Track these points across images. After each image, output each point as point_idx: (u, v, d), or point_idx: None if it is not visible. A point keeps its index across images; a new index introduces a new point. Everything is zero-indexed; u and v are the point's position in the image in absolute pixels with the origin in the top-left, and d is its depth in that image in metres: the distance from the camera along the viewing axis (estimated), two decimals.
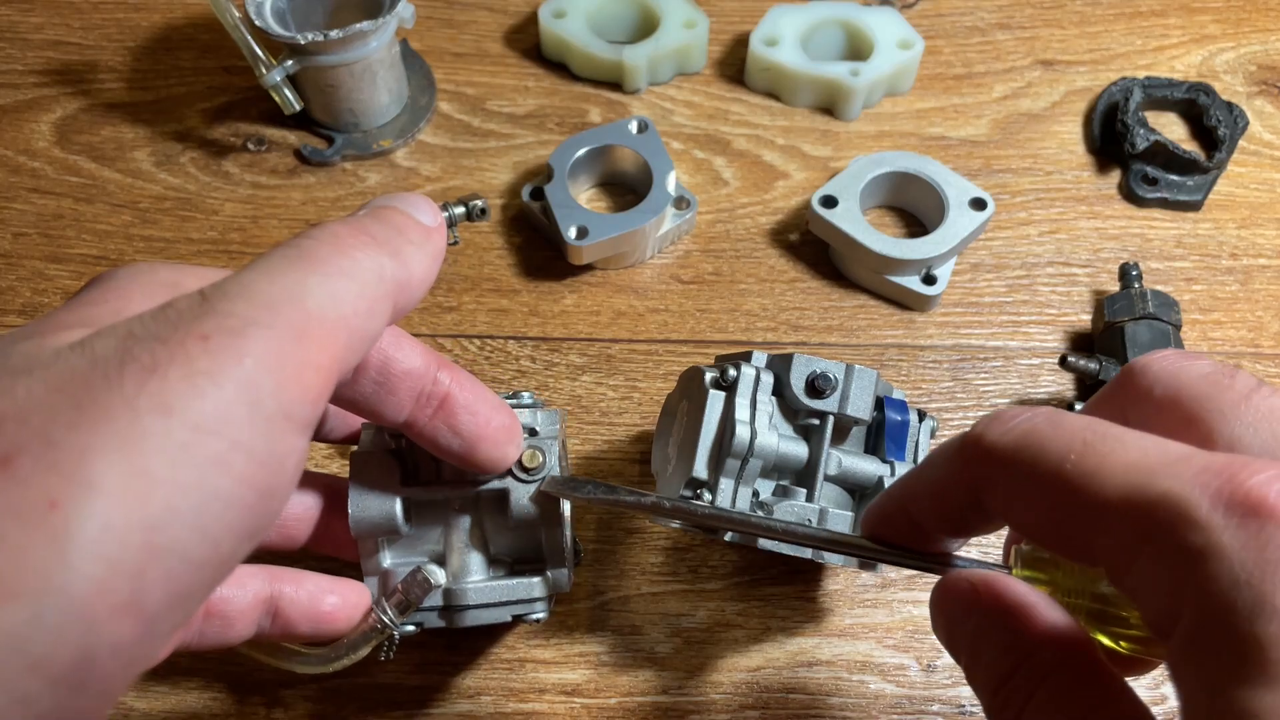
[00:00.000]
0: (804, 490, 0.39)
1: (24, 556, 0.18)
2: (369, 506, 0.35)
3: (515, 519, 0.36)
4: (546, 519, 0.36)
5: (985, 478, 0.23)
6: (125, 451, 0.19)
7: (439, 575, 0.36)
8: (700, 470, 0.38)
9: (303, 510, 0.36)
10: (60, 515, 0.18)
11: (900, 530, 0.27)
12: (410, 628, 0.36)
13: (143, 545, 0.19)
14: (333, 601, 0.35)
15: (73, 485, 0.18)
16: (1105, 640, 0.25)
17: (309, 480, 0.37)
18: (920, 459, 0.41)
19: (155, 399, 0.19)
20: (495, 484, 0.36)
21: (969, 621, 0.25)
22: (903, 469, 0.40)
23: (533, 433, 0.37)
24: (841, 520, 0.39)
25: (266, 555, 0.35)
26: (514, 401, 0.38)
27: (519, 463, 0.35)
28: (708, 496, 0.37)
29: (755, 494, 0.39)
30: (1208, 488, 0.19)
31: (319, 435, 0.37)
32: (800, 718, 0.43)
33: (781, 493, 0.40)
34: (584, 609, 0.45)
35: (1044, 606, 0.24)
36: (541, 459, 0.35)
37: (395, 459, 0.36)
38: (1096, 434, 0.21)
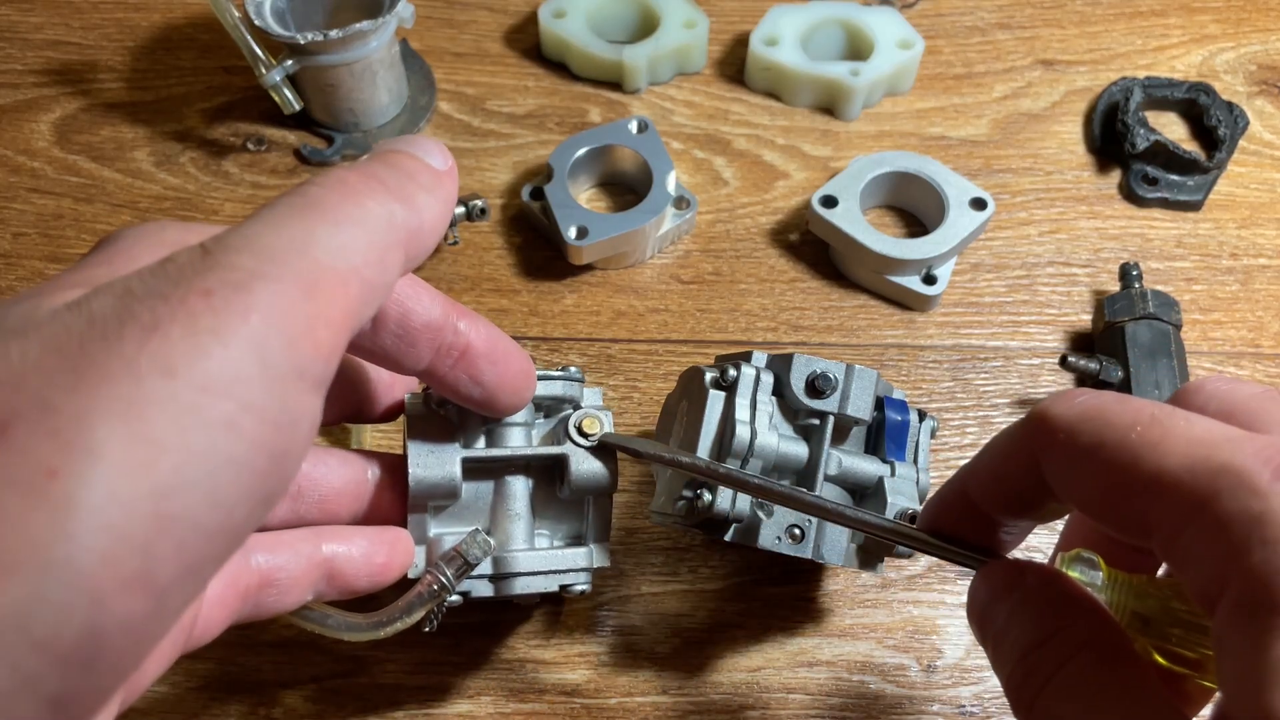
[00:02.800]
0: (804, 490, 0.39)
1: (23, 529, 0.17)
2: (430, 465, 0.34)
3: (574, 484, 0.36)
4: (599, 488, 0.36)
5: (1047, 448, 0.24)
6: (127, 416, 0.18)
7: (491, 541, 0.36)
8: None
9: (342, 484, 0.34)
10: (60, 485, 0.17)
11: (958, 515, 0.27)
12: (456, 597, 0.35)
13: (151, 515, 0.18)
14: (385, 552, 0.33)
15: (73, 452, 0.17)
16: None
17: (353, 455, 0.35)
18: (920, 459, 0.41)
19: (157, 360, 0.18)
20: (553, 449, 0.36)
21: (1009, 598, 0.25)
22: (903, 469, 0.40)
23: (577, 406, 0.37)
24: None
25: None
26: (563, 375, 0.38)
27: (578, 428, 0.36)
28: (708, 496, 0.37)
29: None
30: (1269, 462, 0.20)
31: (359, 416, 0.35)
32: (800, 718, 0.43)
33: None
34: (584, 609, 0.45)
35: (1086, 591, 0.25)
36: (600, 425, 0.36)
37: (447, 422, 0.36)
38: (1164, 411, 0.22)
